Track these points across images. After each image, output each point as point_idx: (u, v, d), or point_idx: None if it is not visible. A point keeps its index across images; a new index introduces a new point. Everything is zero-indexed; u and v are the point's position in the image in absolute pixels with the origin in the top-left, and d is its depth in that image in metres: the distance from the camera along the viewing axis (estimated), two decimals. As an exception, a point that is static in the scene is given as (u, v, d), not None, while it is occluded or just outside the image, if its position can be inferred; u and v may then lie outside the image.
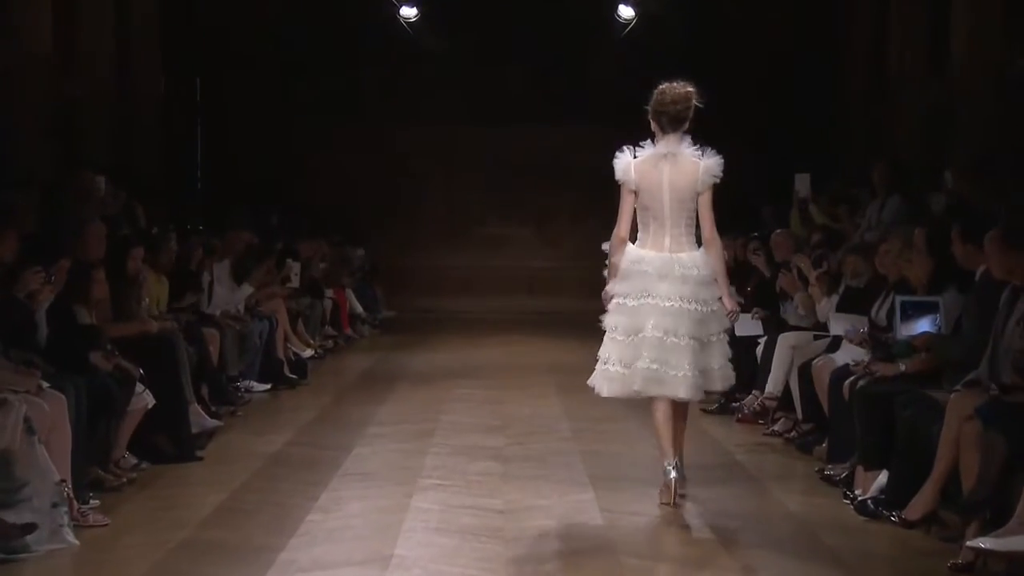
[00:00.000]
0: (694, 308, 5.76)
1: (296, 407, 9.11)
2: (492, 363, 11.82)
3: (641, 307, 5.76)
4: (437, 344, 13.55)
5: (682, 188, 5.78)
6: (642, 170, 5.80)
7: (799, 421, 7.59)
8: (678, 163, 5.79)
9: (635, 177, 5.80)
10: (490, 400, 9.44)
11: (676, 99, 5.80)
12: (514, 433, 7.91)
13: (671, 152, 5.80)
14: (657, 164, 5.80)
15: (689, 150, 5.82)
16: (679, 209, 5.79)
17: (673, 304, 5.74)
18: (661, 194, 5.79)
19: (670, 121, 5.80)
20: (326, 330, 13.05)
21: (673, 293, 5.75)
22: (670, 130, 5.81)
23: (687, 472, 6.11)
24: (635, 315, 5.77)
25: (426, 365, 11.66)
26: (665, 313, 5.73)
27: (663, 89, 5.84)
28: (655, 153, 5.82)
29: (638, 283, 5.79)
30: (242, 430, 7.99)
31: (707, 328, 5.81)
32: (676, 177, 5.78)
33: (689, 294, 5.76)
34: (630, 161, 5.81)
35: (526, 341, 13.98)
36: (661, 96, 5.82)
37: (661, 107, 5.81)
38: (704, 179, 5.78)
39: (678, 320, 5.73)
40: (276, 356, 10.13)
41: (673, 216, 5.79)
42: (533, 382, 10.40)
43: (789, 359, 7.92)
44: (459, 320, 15.98)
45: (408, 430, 7.97)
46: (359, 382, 10.56)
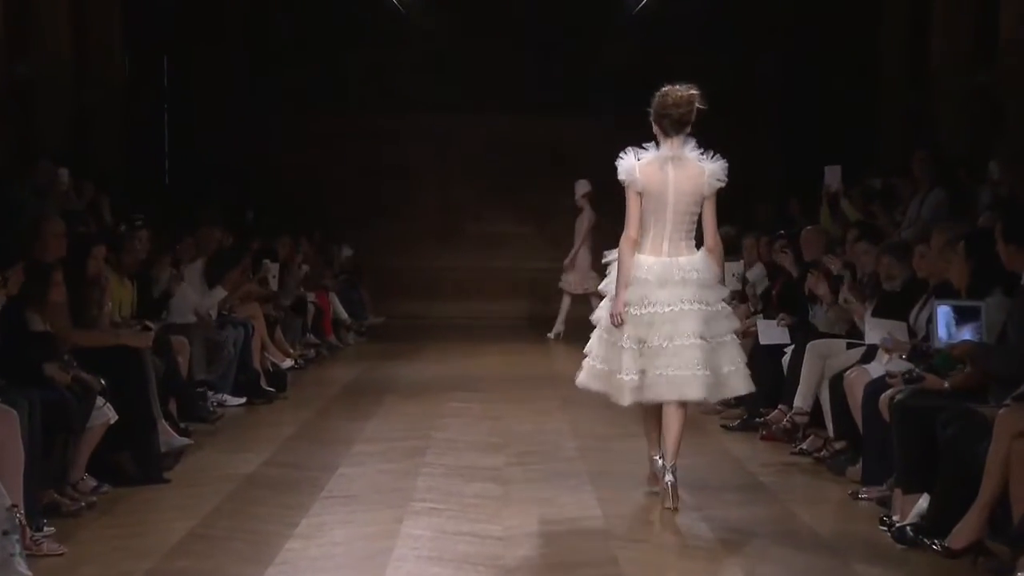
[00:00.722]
0: (697, 308, 6.18)
1: (274, 423, 9.12)
2: (490, 374, 11.84)
3: (643, 316, 6.19)
4: (429, 353, 13.56)
5: (688, 192, 6.21)
6: (647, 172, 6.21)
7: (830, 439, 7.59)
8: (684, 167, 6.21)
9: (640, 179, 6.19)
10: (488, 415, 9.45)
11: (678, 102, 6.19)
12: (514, 452, 7.92)
13: (676, 156, 6.22)
14: (663, 167, 6.20)
15: (693, 154, 6.24)
16: (683, 213, 6.22)
17: (674, 308, 6.16)
18: (666, 197, 6.19)
19: (673, 124, 6.21)
20: (307, 338, 13.07)
21: (674, 298, 6.18)
22: (673, 133, 6.22)
23: (706, 492, 6.23)
24: (638, 325, 6.19)
25: (417, 376, 11.67)
26: (665, 320, 6.16)
27: (665, 92, 6.23)
28: (660, 156, 6.23)
29: (638, 291, 6.21)
30: (214, 449, 7.99)
31: (715, 327, 6.23)
32: (682, 181, 6.20)
33: (691, 296, 6.19)
34: (634, 163, 6.22)
35: (527, 350, 14.00)
36: (663, 99, 6.21)
37: (663, 110, 6.21)
38: (710, 183, 6.22)
39: (680, 322, 6.15)
40: (252, 367, 10.14)
41: (676, 220, 6.22)
42: (535, 395, 10.41)
43: (819, 370, 7.92)
44: (453, 327, 15.99)
45: (398, 448, 7.97)
46: (344, 395, 10.57)
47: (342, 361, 12.99)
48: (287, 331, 12.11)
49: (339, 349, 13.78)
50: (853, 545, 5.79)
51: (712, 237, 6.29)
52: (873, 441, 6.64)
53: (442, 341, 14.75)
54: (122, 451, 6.86)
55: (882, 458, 6.45)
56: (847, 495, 6.69)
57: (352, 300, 15.22)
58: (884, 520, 6.00)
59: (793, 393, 8.14)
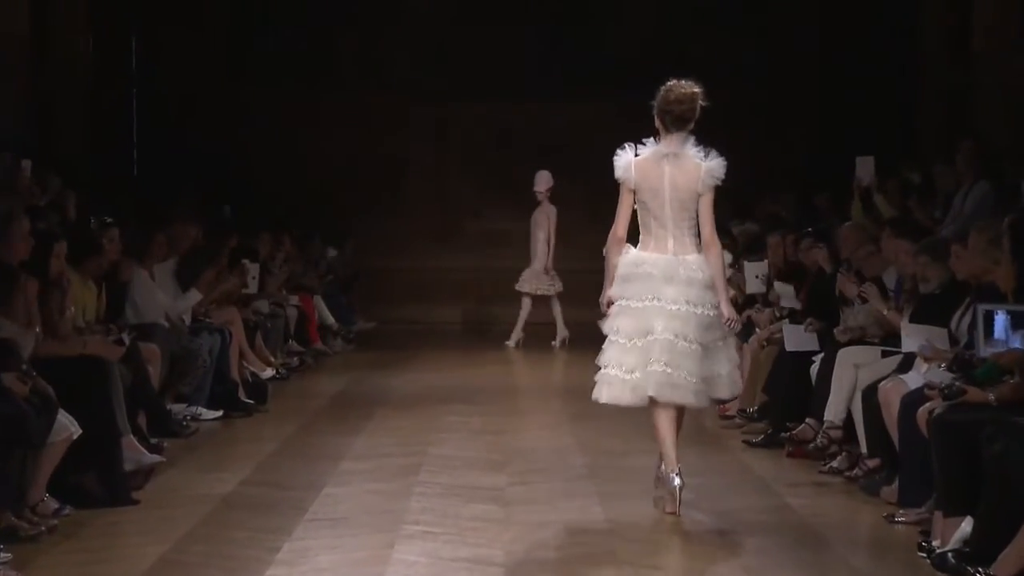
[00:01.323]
0: (700, 312, 6.68)
1: (254, 438, 9.13)
2: (491, 385, 11.85)
3: (647, 309, 6.65)
4: (424, 362, 13.58)
5: (683, 189, 6.69)
6: (643, 169, 6.71)
7: (863, 456, 7.58)
8: (680, 163, 6.70)
9: (635, 176, 6.71)
10: (488, 430, 9.45)
11: (681, 99, 6.69)
12: (517, 470, 7.93)
13: (673, 152, 6.70)
14: (658, 163, 6.70)
15: (692, 151, 6.72)
16: (680, 210, 6.71)
17: (680, 308, 6.64)
18: (662, 194, 6.69)
19: (674, 121, 6.70)
20: (290, 345, 13.10)
21: (679, 296, 6.65)
22: (674, 130, 6.71)
23: (727, 515, 6.25)
24: (641, 317, 6.66)
25: (411, 387, 11.68)
26: (672, 316, 6.62)
27: (669, 87, 6.73)
28: (657, 152, 6.73)
29: (641, 286, 6.68)
30: (188, 467, 7.99)
31: (712, 333, 6.73)
32: (677, 177, 6.69)
33: (695, 297, 6.67)
34: (631, 159, 6.73)
35: (533, 359, 14.01)
36: (666, 94, 6.71)
37: (666, 106, 6.71)
38: (706, 181, 6.69)
39: (686, 324, 6.63)
40: (230, 377, 10.15)
41: (674, 217, 6.71)
42: (541, 408, 10.43)
43: (851, 380, 7.92)
44: (450, 333, 15.99)
45: (389, 466, 7.98)
46: (330, 408, 10.58)
47: (328, 370, 13.01)
48: (268, 338, 12.12)
49: (325, 357, 13.80)
50: (889, 573, 5.78)
51: (709, 233, 6.71)
52: (910, 459, 6.63)
53: (438, 348, 14.76)
54: (86, 470, 6.84)
55: (920, 477, 6.44)
56: (882, 518, 6.69)
57: (339, 303, 15.22)
58: (923, 546, 5.99)
59: (822, 405, 8.14)
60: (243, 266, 11.61)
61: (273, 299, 12.89)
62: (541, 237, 14.57)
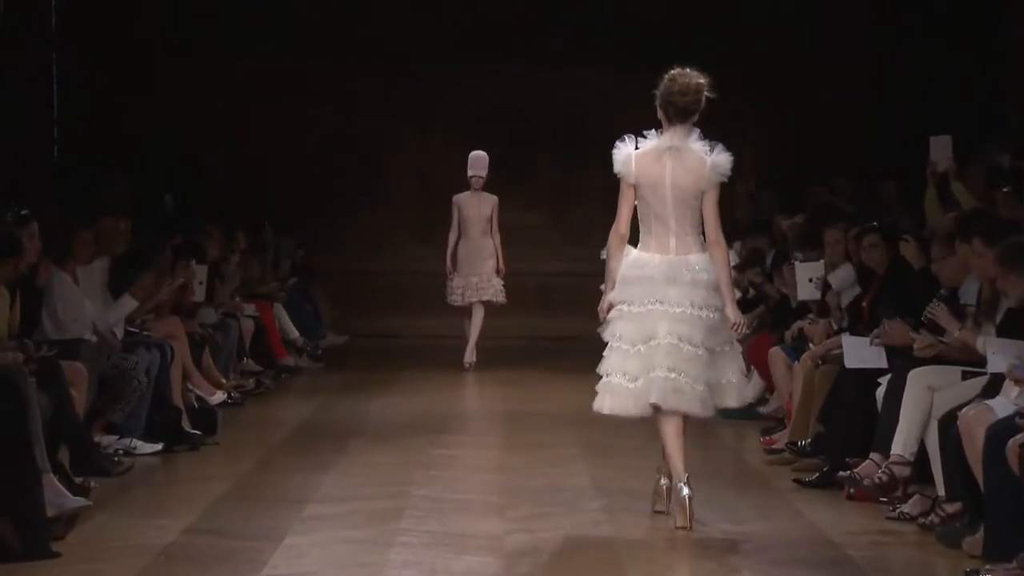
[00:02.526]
0: (705, 315, 7.36)
1: (200, 477, 9.11)
2: (488, 411, 11.87)
3: (650, 313, 7.34)
4: (407, 384, 13.57)
5: (685, 186, 7.37)
6: (643, 163, 7.40)
7: (940, 499, 7.57)
8: (683, 158, 7.38)
9: (635, 170, 7.39)
10: (485, 466, 9.46)
11: (685, 90, 7.37)
12: (519, 515, 7.93)
13: (675, 146, 7.38)
14: (660, 158, 7.39)
15: (697, 144, 7.40)
16: (683, 207, 7.39)
17: (684, 311, 7.33)
18: (663, 191, 7.38)
19: (677, 113, 7.38)
20: (245, 364, 13.12)
21: (684, 299, 7.35)
22: (677, 122, 7.39)
23: (776, 569, 6.28)
24: (643, 321, 7.35)
25: (391, 415, 11.68)
26: (676, 320, 7.31)
27: (672, 77, 7.39)
28: (658, 146, 7.41)
29: (643, 289, 7.38)
30: (120, 511, 7.97)
31: (718, 336, 7.43)
32: (680, 173, 7.37)
33: (700, 300, 7.35)
34: (630, 153, 7.41)
35: (537, 379, 14.01)
36: (670, 85, 7.39)
37: (669, 97, 7.38)
38: (711, 177, 7.38)
39: (691, 328, 7.33)
40: (171, 402, 10.14)
41: (677, 215, 7.40)
42: (548, 440, 10.42)
43: (926, 406, 7.90)
44: (439, 349, 15.97)
45: (365, 511, 7.98)
46: (294, 440, 10.58)
47: (291, 394, 13.02)
48: (218, 355, 12.13)
49: (288, 378, 13.81)
50: (973, 641, 5.80)
51: (714, 232, 7.42)
52: (998, 502, 6.61)
53: (424, 368, 14.75)
54: (-2, 515, 6.83)
55: (1011, 525, 6.43)
56: (963, 575, 6.64)
57: (304, 313, 15.22)
58: (1014, 608, 5.99)
59: (890, 437, 8.12)
60: (188, 268, 11.58)
61: (224, 308, 12.91)
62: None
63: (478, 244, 14.67)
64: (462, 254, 14.68)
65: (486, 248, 14.66)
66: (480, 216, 14.69)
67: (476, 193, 14.70)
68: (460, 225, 14.71)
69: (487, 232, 14.68)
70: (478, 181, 14.66)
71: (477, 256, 14.66)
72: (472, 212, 14.69)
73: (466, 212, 14.70)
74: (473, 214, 14.68)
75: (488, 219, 14.70)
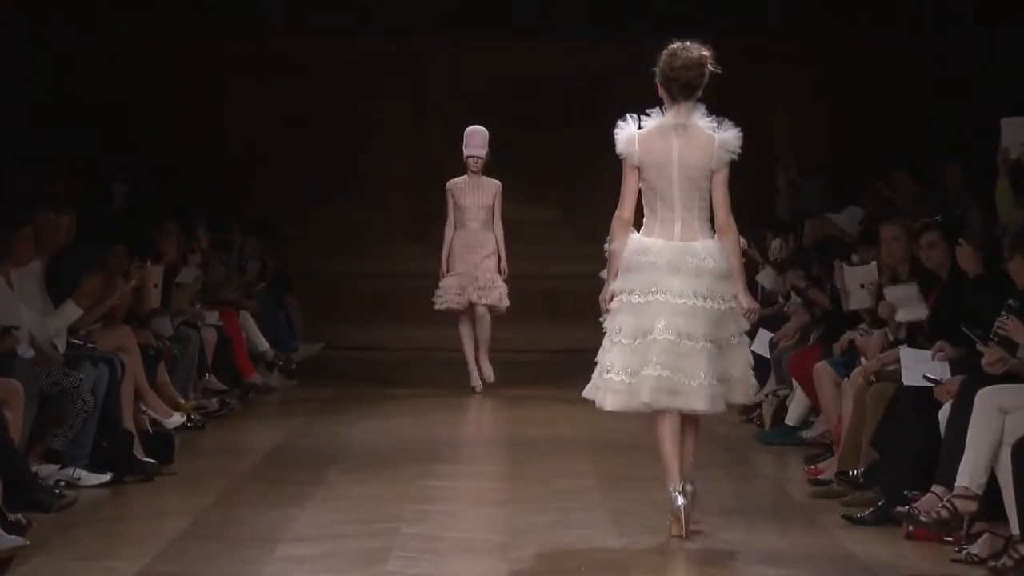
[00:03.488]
0: (710, 306, 7.91)
1: (155, 512, 9.10)
2: (489, 436, 11.87)
3: (648, 304, 7.91)
4: (394, 404, 13.58)
5: (693, 165, 7.97)
6: (647, 143, 7.99)
7: (1014, 538, 7.56)
8: (690, 136, 7.99)
9: (639, 151, 7.98)
10: (485, 499, 9.48)
11: (688, 64, 7.95)
12: (524, 556, 7.93)
13: (681, 123, 7.99)
14: (665, 137, 7.99)
15: (703, 121, 8.00)
16: (690, 189, 7.98)
17: (686, 302, 7.89)
18: (670, 171, 7.97)
19: (681, 89, 7.98)
20: (207, 380, 13.13)
21: (686, 289, 7.90)
22: (681, 98, 8.00)
23: None
24: (641, 314, 7.92)
25: (376, 440, 11.70)
26: (677, 312, 7.87)
27: (673, 51, 7.98)
28: (663, 124, 8.01)
29: (644, 277, 7.95)
30: (62, 552, 7.93)
31: (725, 329, 7.99)
32: (687, 152, 7.97)
33: (705, 290, 7.91)
34: (634, 133, 8.02)
35: (545, 399, 14.01)
36: (671, 60, 7.98)
37: (671, 72, 7.98)
38: (720, 155, 7.97)
39: (693, 320, 7.87)
40: (121, 426, 10.14)
41: (684, 198, 7.99)
42: (558, 469, 10.43)
43: (996, 431, 7.89)
44: (432, 363, 16.00)
45: (346, 551, 7.98)
46: (263, 469, 10.58)
47: (261, 416, 13.03)
48: (176, 370, 12.15)
49: (256, 398, 13.81)
50: None
51: (724, 215, 8.01)
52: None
53: (415, 385, 14.75)
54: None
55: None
56: (1040, 624, 6.69)
57: (276, 323, 15.24)
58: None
59: (955, 466, 8.11)
60: (142, 269, 11.60)
61: (183, 316, 12.91)
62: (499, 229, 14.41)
63: (477, 238, 14.27)
64: (457, 249, 14.27)
65: (486, 243, 14.28)
66: (479, 204, 14.32)
67: (474, 177, 14.31)
68: (456, 216, 14.32)
69: (488, 224, 14.30)
70: (476, 162, 14.25)
71: (475, 252, 14.25)
72: (469, 200, 14.29)
73: (462, 200, 14.31)
74: (470, 202, 14.29)
75: (489, 208, 14.32)
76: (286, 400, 14.03)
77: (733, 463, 10.48)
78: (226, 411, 12.85)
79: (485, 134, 14.33)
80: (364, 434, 11.97)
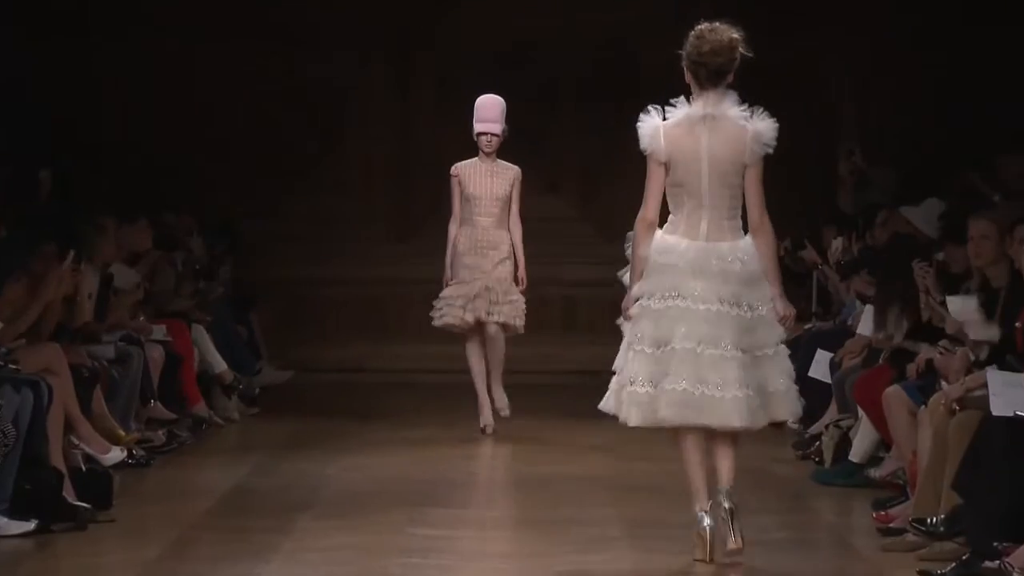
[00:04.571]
0: (737, 313, 8.49)
1: (89, 566, 9.10)
2: (493, 475, 11.98)
3: (668, 310, 8.49)
4: (378, 437, 13.61)
5: (725, 159, 8.54)
6: (674, 136, 8.55)
7: None
8: (720, 127, 8.55)
9: (665, 145, 8.52)
10: (489, 551, 9.51)
11: (717, 48, 8.49)
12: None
13: (710, 113, 8.55)
14: (693, 129, 8.56)
15: (734, 111, 8.56)
16: (721, 185, 8.55)
17: (710, 307, 8.45)
18: (698, 166, 8.54)
19: (709, 75, 8.54)
20: (152, 408, 13.07)
21: (710, 294, 8.48)
22: (709, 86, 8.56)
23: None
24: (660, 320, 8.50)
25: (355, 480, 11.69)
26: (699, 318, 8.44)
27: (700, 34, 8.53)
28: (690, 115, 8.57)
29: (664, 280, 8.52)
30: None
31: (757, 338, 8.55)
32: (717, 145, 8.54)
33: (730, 295, 8.49)
34: (659, 125, 8.56)
35: (562, 429, 14.06)
36: (698, 44, 8.53)
37: (698, 57, 8.53)
38: (754, 148, 8.53)
39: (717, 327, 8.44)
40: (48, 463, 10.08)
41: (713, 194, 8.56)
42: (577, 515, 10.41)
43: None
44: (421, 387, 16.08)
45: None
46: (220, 516, 10.53)
47: (217, 452, 13.03)
48: (115, 396, 12.12)
49: (211, 430, 13.83)
50: None
51: (758, 213, 8.59)
52: None
53: (401, 414, 14.81)
54: None
55: None
56: None
57: (235, 339, 15.30)
58: None
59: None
60: (77, 273, 11.56)
61: (124, 331, 12.88)
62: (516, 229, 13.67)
63: (489, 237, 13.49)
64: (463, 249, 13.49)
65: (500, 244, 13.53)
66: (493, 195, 13.53)
67: (487, 160, 13.51)
68: (463, 209, 13.51)
69: (502, 221, 13.52)
70: (490, 141, 13.44)
71: (486, 256, 13.48)
72: (480, 189, 13.50)
73: (472, 189, 13.49)
74: (482, 192, 13.49)
75: (505, 201, 13.54)
76: (247, 432, 14.06)
77: (787, 509, 10.47)
78: (175, 445, 12.81)
79: (502, 105, 13.56)
80: (341, 473, 11.95)
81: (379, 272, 17.43)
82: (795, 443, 12.21)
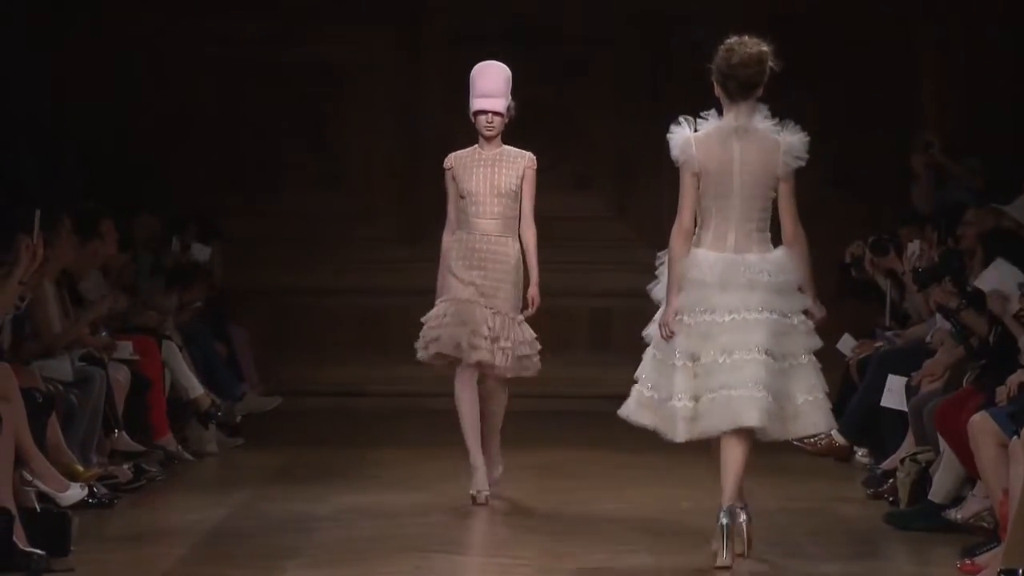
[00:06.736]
0: (766, 317, 9.54)
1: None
2: (511, 515, 11.99)
3: (697, 326, 9.60)
4: (377, 470, 13.71)
5: (757, 171, 9.68)
6: (706, 148, 9.66)
7: None
8: (752, 140, 9.68)
9: (697, 156, 9.62)
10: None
11: (746, 61, 9.58)
12: None
13: (742, 126, 9.67)
14: (725, 141, 9.67)
15: (765, 124, 9.69)
16: (752, 198, 9.69)
17: (736, 317, 9.53)
18: (731, 178, 9.65)
19: (739, 88, 9.63)
20: (116, 439, 13.07)
21: (737, 304, 9.55)
22: (739, 98, 9.67)
23: None
24: (691, 337, 9.60)
25: (351, 521, 11.65)
26: (725, 330, 9.54)
27: (730, 47, 9.64)
28: (722, 127, 9.69)
29: (693, 296, 9.61)
30: None
31: (789, 344, 9.61)
32: (750, 157, 9.66)
33: (758, 302, 9.55)
34: (690, 137, 9.66)
35: (589, 463, 14.15)
36: (728, 56, 9.64)
37: (729, 71, 9.63)
38: (787, 161, 9.66)
39: (744, 333, 9.50)
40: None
41: (744, 207, 9.67)
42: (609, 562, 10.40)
43: None
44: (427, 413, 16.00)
45: None
46: (195, 562, 10.47)
47: (191, 489, 13.05)
48: (72, 425, 12.09)
49: (186, 465, 13.90)
50: None
51: (792, 225, 9.69)
52: None
53: (404, 444, 14.93)
54: None
55: None
56: None
57: (214, 358, 15.38)
58: None
59: None
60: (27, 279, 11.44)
61: (84, 349, 12.87)
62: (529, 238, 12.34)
63: (489, 245, 12.26)
64: (456, 262, 12.25)
65: (504, 255, 12.24)
66: (494, 191, 12.21)
67: (488, 147, 12.23)
68: (458, 209, 12.30)
69: (510, 223, 12.28)
70: (491, 122, 12.16)
71: (486, 270, 12.24)
72: (479, 183, 12.19)
73: (468, 184, 12.21)
74: (480, 187, 12.18)
75: (512, 197, 12.23)
76: (228, 466, 14.14)
77: (855, 555, 10.45)
78: (143, 482, 12.80)
79: (506, 74, 12.33)
80: (335, 513, 11.91)
81: (380, 280, 17.56)
82: (865, 480, 12.32)
